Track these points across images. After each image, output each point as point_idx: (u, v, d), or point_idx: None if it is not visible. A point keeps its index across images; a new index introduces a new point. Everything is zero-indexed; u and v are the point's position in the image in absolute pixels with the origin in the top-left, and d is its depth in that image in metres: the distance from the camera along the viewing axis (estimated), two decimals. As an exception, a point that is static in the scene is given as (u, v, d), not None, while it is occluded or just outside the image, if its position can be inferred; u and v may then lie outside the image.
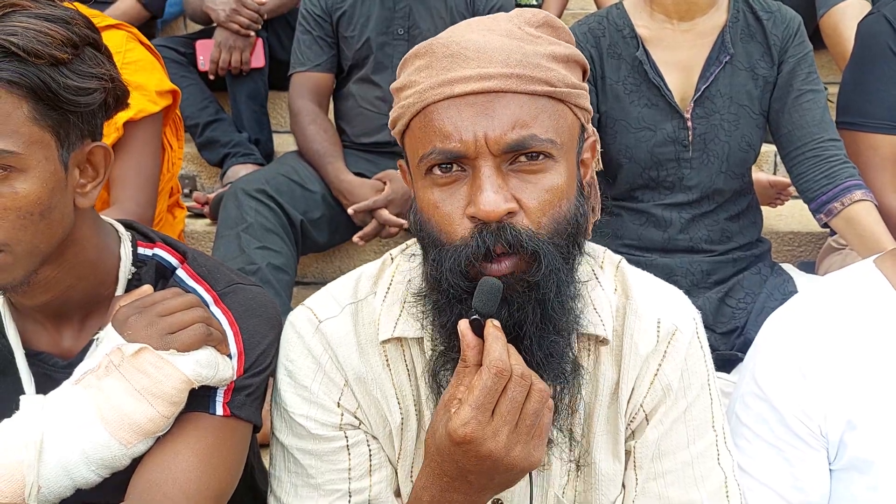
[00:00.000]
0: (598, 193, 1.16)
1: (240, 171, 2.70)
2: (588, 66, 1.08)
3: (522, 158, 0.97)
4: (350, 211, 2.29)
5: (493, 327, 0.94)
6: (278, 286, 2.11)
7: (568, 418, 1.08)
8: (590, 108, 1.06)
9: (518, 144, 0.96)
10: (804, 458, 1.18)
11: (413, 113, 1.01)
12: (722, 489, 1.13)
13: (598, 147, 1.12)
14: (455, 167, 0.98)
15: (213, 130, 2.82)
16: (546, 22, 1.04)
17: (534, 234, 0.97)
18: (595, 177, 1.13)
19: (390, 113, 1.06)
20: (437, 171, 0.99)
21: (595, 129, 1.13)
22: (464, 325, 0.94)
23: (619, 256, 1.19)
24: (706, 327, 1.89)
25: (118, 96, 1.08)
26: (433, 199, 0.99)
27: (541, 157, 0.98)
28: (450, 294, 0.99)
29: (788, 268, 2.07)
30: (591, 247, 1.16)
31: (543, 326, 0.99)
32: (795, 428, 1.18)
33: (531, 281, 0.97)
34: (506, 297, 0.97)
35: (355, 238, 2.35)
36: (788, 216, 2.67)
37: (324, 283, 1.22)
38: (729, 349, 1.90)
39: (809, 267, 2.31)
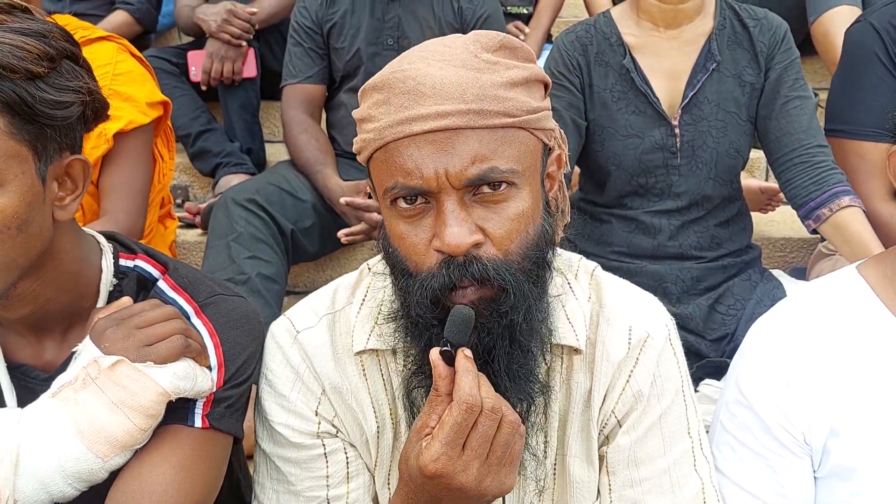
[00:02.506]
0: (567, 198, 1.17)
1: (231, 180, 2.70)
2: (549, 81, 1.08)
3: (485, 189, 0.97)
4: (342, 201, 2.28)
5: (464, 358, 0.95)
6: (268, 296, 2.11)
7: (534, 436, 1.09)
8: (553, 125, 1.06)
9: (479, 178, 0.96)
10: (788, 465, 1.18)
11: (374, 148, 1.01)
12: (699, 496, 1.14)
13: (566, 153, 1.12)
14: (419, 199, 0.98)
15: (204, 140, 2.83)
16: (503, 44, 1.03)
17: (501, 263, 0.97)
18: (563, 182, 1.14)
19: (354, 140, 1.06)
20: (402, 203, 0.99)
21: (562, 131, 1.12)
22: (435, 356, 0.95)
23: (594, 264, 1.20)
24: (696, 334, 1.92)
25: (97, 109, 1.08)
26: (400, 231, 1.00)
27: (503, 185, 0.98)
28: (419, 323, 1.00)
29: (778, 274, 2.07)
30: (565, 256, 1.17)
31: (512, 350, 1.00)
32: (779, 435, 1.17)
33: (500, 311, 0.98)
34: (476, 322, 0.97)
35: (340, 234, 2.34)
36: (780, 222, 2.67)
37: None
38: (719, 356, 1.90)
39: (801, 273, 2.31)
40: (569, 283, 1.14)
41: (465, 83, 0.97)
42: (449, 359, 0.95)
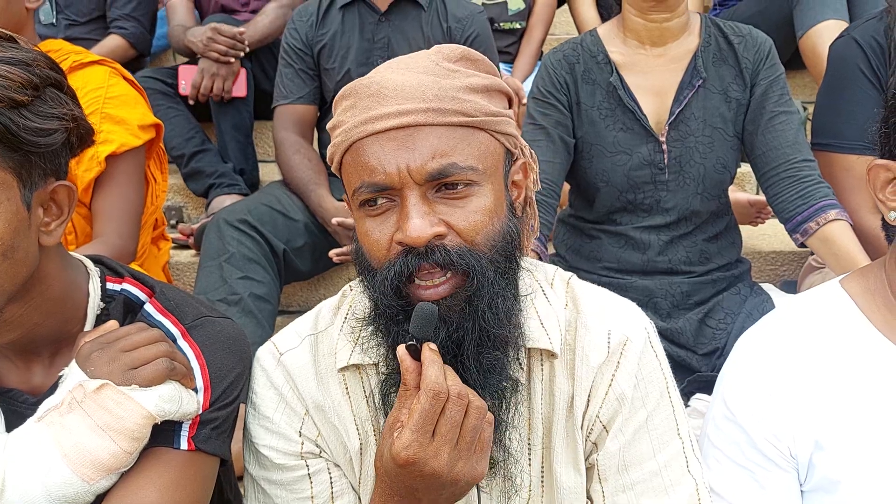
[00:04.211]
0: (536, 212, 1.19)
1: (224, 201, 2.72)
2: (513, 94, 1.12)
3: (447, 187, 1.02)
4: (333, 221, 2.30)
5: (429, 350, 0.98)
6: (261, 316, 2.11)
7: (507, 433, 1.10)
8: (514, 132, 1.10)
9: (440, 173, 1.00)
10: (775, 479, 1.18)
11: (342, 151, 1.06)
12: (694, 497, 1.14)
13: (536, 167, 1.16)
14: (385, 200, 1.03)
15: (198, 161, 2.84)
16: (464, 56, 1.08)
17: (466, 251, 1.01)
18: (533, 196, 1.17)
19: (327, 149, 1.11)
20: (368, 204, 1.03)
21: (533, 152, 1.16)
22: (402, 351, 0.98)
23: (570, 273, 1.22)
24: (687, 348, 1.92)
25: (82, 135, 1.09)
26: (365, 228, 1.05)
27: (462, 185, 1.02)
28: (386, 315, 1.03)
29: (769, 287, 2.08)
30: (541, 265, 1.20)
31: (481, 342, 1.03)
32: (765, 450, 1.18)
33: (466, 295, 1.01)
34: (444, 317, 1.00)
35: (332, 253, 2.35)
36: (771, 235, 2.68)
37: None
38: (710, 370, 1.91)
39: (792, 286, 2.32)
40: (541, 288, 1.16)
41: (424, 85, 1.03)
42: (415, 354, 0.98)
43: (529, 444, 1.13)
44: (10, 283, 1.02)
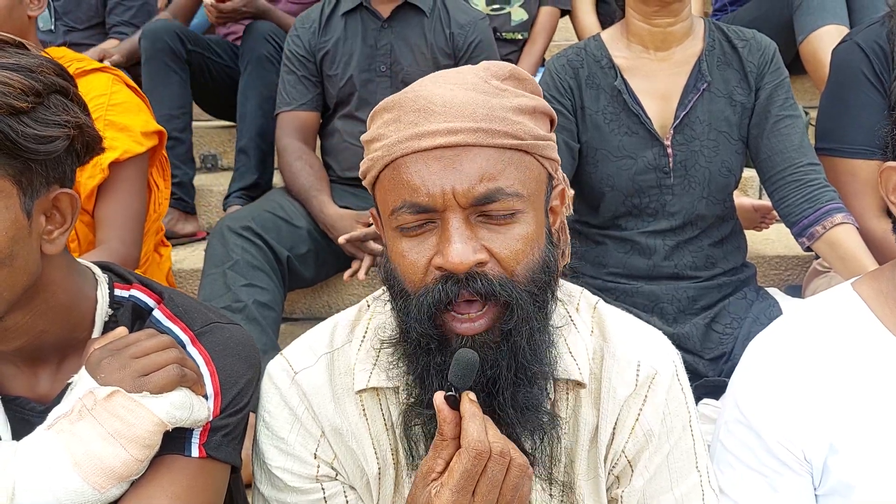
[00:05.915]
0: (568, 238, 1.17)
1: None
2: (556, 116, 1.09)
3: (491, 213, 0.98)
4: (341, 241, 2.29)
5: (469, 402, 0.94)
6: (265, 323, 2.10)
7: (549, 467, 1.07)
8: (557, 157, 1.07)
9: (485, 198, 0.96)
10: (788, 483, 1.18)
11: (382, 165, 1.01)
12: None
13: (569, 192, 1.13)
14: (425, 222, 0.98)
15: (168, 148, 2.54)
16: (512, 74, 1.05)
17: (507, 281, 0.97)
18: (565, 221, 1.14)
19: (361, 164, 1.06)
20: (407, 226, 0.99)
21: (565, 176, 1.13)
22: (439, 400, 0.95)
23: (596, 298, 1.19)
24: (694, 353, 1.92)
25: (88, 143, 1.07)
26: (401, 249, 1.00)
27: (507, 215, 0.98)
28: (419, 344, 0.99)
29: (774, 292, 2.08)
30: (567, 288, 1.16)
31: (517, 380, 0.99)
32: (779, 453, 1.17)
33: (504, 330, 0.98)
34: (479, 355, 0.96)
35: (346, 276, 2.35)
36: (775, 240, 2.68)
37: (312, 319, 1.22)
38: (717, 375, 1.90)
39: (797, 290, 2.31)
40: (570, 316, 1.13)
41: (474, 103, 0.99)
42: (453, 402, 0.95)
43: (551, 475, 1.10)
44: (9, 291, 1.01)
